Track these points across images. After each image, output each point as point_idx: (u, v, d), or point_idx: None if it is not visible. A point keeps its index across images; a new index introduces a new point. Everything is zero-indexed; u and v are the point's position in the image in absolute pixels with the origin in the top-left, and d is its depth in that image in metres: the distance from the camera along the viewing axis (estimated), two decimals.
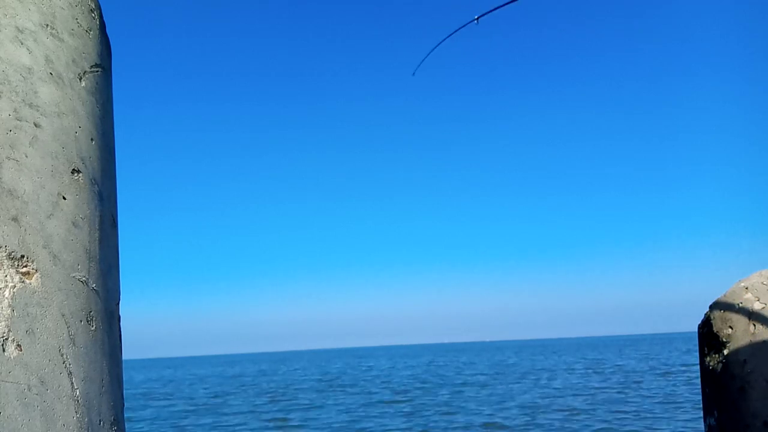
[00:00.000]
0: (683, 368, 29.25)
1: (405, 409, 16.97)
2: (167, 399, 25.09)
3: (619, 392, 19.42)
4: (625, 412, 14.59)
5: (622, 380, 24.02)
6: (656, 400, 16.82)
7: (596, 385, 22.53)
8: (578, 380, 25.02)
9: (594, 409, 15.31)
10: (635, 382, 23.10)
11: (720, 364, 2.49)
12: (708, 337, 2.59)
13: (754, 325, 2.40)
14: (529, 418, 14.26)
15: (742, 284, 2.53)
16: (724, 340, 2.49)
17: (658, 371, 28.33)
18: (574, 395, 18.96)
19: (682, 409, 14.62)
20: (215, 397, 24.85)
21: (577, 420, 13.76)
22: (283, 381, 33.88)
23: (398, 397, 20.41)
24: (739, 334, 2.43)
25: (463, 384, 25.06)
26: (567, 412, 15.00)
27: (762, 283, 2.48)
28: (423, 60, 5.53)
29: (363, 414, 16.20)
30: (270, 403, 20.36)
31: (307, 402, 20.01)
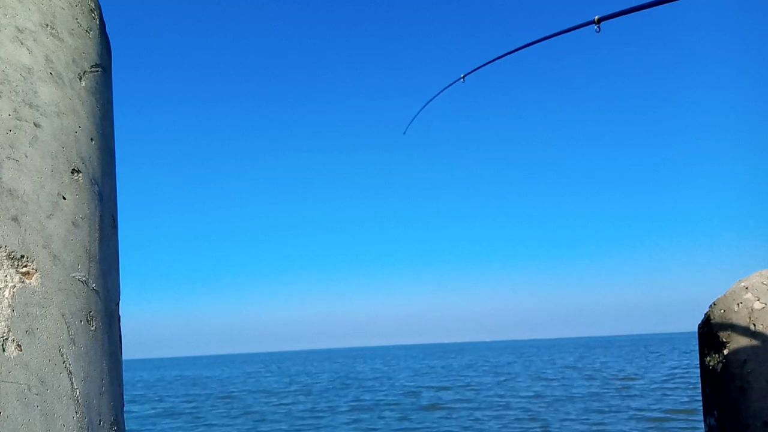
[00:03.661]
0: (683, 368, 29.23)
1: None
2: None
3: (618, 392, 19.40)
4: (625, 413, 14.58)
5: (621, 381, 23.99)
6: (655, 401, 16.81)
7: (596, 385, 22.51)
8: (578, 381, 25.00)
9: (594, 411, 15.30)
10: (634, 382, 23.08)
11: (720, 364, 2.49)
12: (708, 337, 2.59)
13: (754, 325, 2.40)
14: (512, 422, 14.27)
15: (742, 284, 2.52)
16: (724, 340, 2.49)
17: (657, 371, 28.31)
18: (571, 398, 18.96)
19: (682, 410, 14.61)
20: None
21: (576, 422, 13.76)
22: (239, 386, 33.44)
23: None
24: (739, 333, 2.43)
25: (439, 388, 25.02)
26: (564, 416, 14.99)
27: (762, 283, 2.48)
28: (413, 119, 5.84)
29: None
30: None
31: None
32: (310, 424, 15.23)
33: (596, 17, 2.61)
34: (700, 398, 2.70)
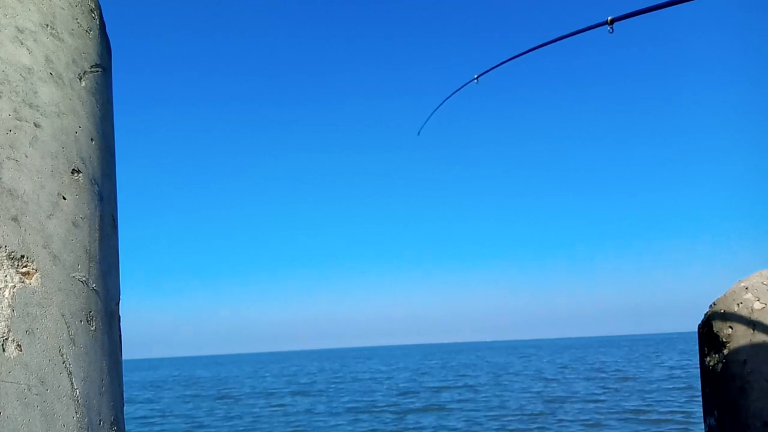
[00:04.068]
0: (682, 368, 29.25)
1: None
2: None
3: (617, 392, 19.41)
4: (625, 413, 14.58)
5: (620, 381, 24.00)
6: (655, 401, 16.82)
7: (595, 385, 22.52)
8: (577, 381, 25.00)
9: (593, 411, 15.31)
10: (634, 382, 23.09)
11: (720, 364, 2.49)
12: (708, 337, 2.59)
13: (754, 325, 2.40)
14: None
15: (742, 284, 2.52)
16: (724, 340, 2.49)
17: (657, 371, 28.33)
18: (570, 398, 18.96)
19: (681, 410, 14.62)
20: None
21: (575, 423, 13.76)
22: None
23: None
24: (739, 334, 2.43)
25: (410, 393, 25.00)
26: (563, 416, 15.00)
27: (762, 283, 2.48)
28: (427, 119, 5.84)
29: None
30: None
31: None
32: (307, 425, 15.22)
33: (609, 18, 2.62)
34: (700, 398, 2.70)
